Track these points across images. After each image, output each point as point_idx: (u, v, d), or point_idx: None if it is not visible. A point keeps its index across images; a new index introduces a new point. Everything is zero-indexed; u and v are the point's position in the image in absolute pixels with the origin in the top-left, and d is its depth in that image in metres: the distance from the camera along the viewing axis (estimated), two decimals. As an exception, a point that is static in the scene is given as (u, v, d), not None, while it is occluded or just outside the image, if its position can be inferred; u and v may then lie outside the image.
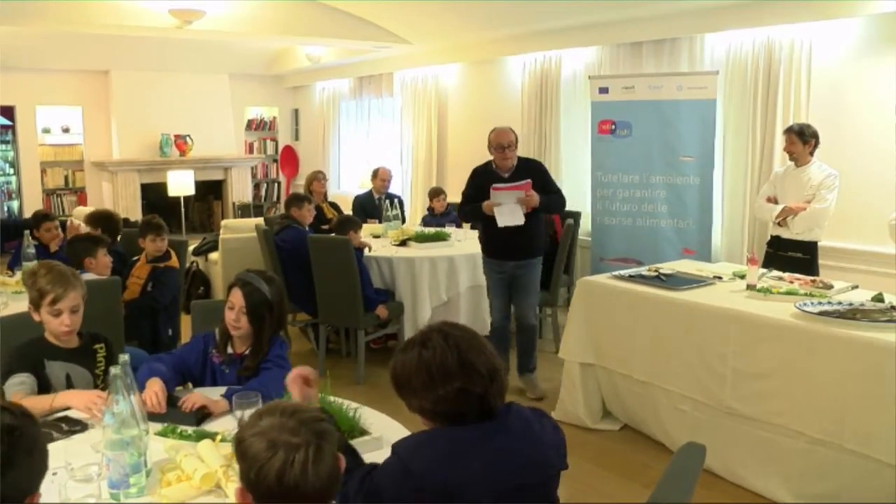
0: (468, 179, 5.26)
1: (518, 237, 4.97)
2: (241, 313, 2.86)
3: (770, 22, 5.84)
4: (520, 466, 1.84)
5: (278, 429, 1.49)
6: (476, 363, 1.86)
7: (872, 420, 3.27)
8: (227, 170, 12.04)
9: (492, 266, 5.19)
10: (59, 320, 2.79)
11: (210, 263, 7.64)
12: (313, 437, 1.48)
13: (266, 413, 1.55)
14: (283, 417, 1.51)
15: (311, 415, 1.55)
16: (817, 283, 4.26)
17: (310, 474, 1.45)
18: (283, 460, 1.45)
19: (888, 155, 5.31)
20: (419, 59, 9.46)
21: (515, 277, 5.11)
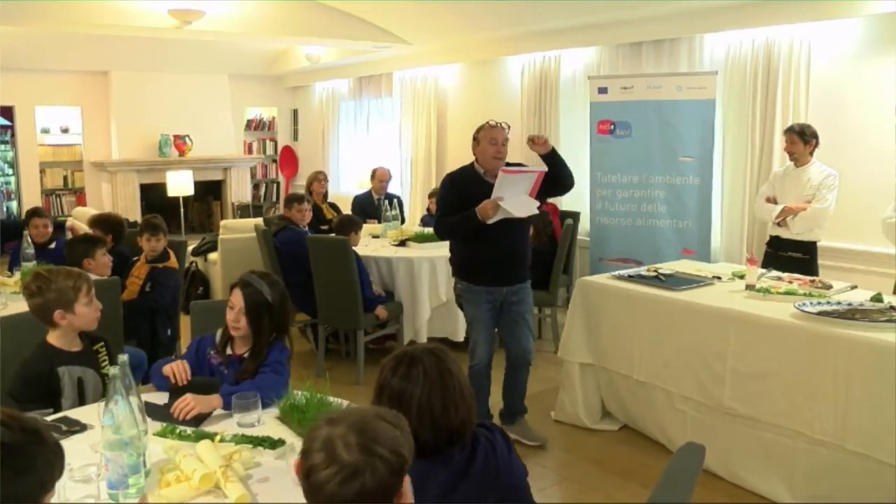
0: (444, 190, 4.36)
1: (514, 257, 4.27)
2: (241, 314, 2.87)
3: (769, 22, 5.84)
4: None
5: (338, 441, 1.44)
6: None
7: (873, 420, 3.26)
8: (227, 170, 12.04)
9: (479, 296, 4.26)
10: (94, 307, 2.91)
11: (209, 264, 7.64)
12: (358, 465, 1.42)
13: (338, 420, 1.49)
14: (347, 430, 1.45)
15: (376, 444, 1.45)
16: (816, 283, 4.27)
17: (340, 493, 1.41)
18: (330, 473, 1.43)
19: (887, 155, 5.31)
20: (418, 59, 9.46)
21: (509, 305, 4.30)
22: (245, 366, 2.89)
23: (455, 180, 4.30)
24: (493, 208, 3.98)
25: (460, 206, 4.11)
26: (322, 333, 5.76)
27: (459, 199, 4.15)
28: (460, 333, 5.89)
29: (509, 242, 4.18)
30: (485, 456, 1.92)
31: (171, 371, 2.72)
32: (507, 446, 2.00)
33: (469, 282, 4.29)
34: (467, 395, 1.94)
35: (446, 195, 4.31)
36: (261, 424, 2.54)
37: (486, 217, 4.00)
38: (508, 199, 4.00)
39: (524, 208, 4.06)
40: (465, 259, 4.31)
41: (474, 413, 1.95)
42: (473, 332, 4.34)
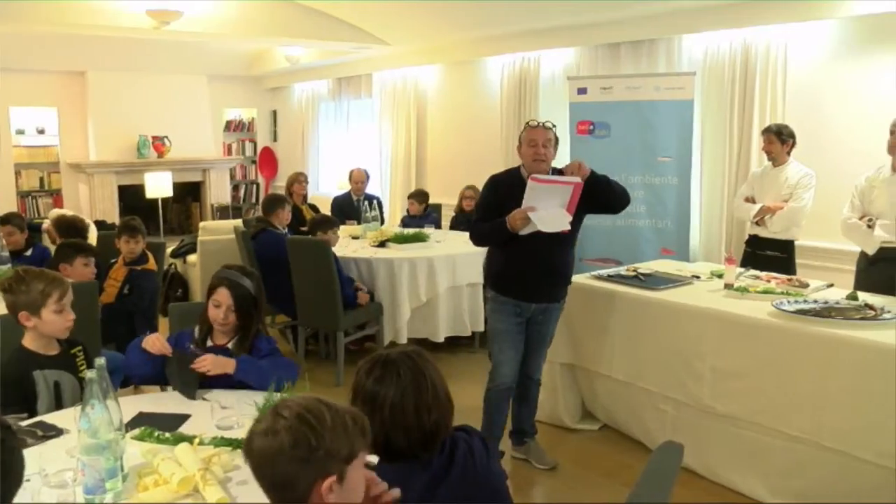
0: (485, 190, 4.00)
1: (551, 272, 3.90)
2: (230, 311, 2.96)
3: (746, 24, 5.89)
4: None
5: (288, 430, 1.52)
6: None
7: (849, 417, 3.30)
8: (206, 171, 11.97)
9: (507, 308, 3.90)
10: (65, 316, 2.83)
11: (188, 265, 7.59)
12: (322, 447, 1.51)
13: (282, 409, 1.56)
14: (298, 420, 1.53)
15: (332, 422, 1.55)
16: (794, 281, 4.30)
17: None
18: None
19: (863, 155, 5.35)
20: (398, 60, 9.45)
21: (535, 325, 3.97)
22: (234, 354, 2.95)
23: (497, 183, 3.95)
24: (523, 219, 3.63)
25: (499, 210, 3.76)
26: (302, 335, 5.75)
27: (499, 203, 3.80)
28: (441, 334, 5.90)
29: (547, 255, 3.81)
30: (464, 460, 1.92)
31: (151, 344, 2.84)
32: (486, 450, 2.00)
33: (497, 291, 3.94)
34: (442, 397, 1.94)
35: (484, 198, 3.98)
36: (240, 427, 2.52)
37: (514, 227, 3.67)
38: (540, 210, 3.64)
39: (554, 223, 3.66)
40: (497, 267, 3.98)
41: (450, 416, 1.95)
42: (497, 346, 3.94)
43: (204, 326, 3.04)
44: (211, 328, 3.03)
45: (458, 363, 5.89)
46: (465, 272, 5.89)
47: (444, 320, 5.90)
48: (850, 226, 4.48)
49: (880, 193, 4.34)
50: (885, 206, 4.31)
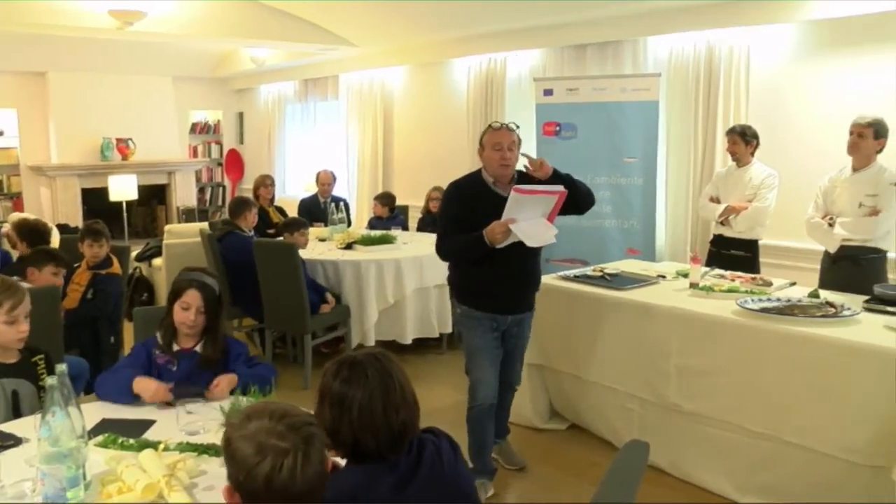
0: (449, 202, 3.74)
1: (525, 279, 3.77)
2: (199, 313, 2.95)
3: (709, 26, 5.96)
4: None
5: (266, 433, 1.50)
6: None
7: (810, 413, 3.36)
8: (171, 174, 11.85)
9: (483, 324, 3.71)
10: (16, 328, 2.74)
11: (154, 269, 7.52)
12: (301, 443, 1.50)
13: (254, 415, 1.55)
14: (271, 421, 1.52)
15: (300, 419, 1.55)
16: (757, 280, 4.36)
17: (298, 478, 1.48)
18: (272, 465, 1.47)
19: (824, 155, 5.43)
20: (364, 61, 9.43)
21: (511, 337, 3.84)
22: (206, 355, 2.97)
23: (460, 190, 3.69)
24: (504, 232, 3.43)
25: (466, 221, 3.55)
26: (269, 338, 5.71)
27: (465, 213, 3.59)
28: (408, 336, 5.90)
29: (521, 263, 3.66)
30: (431, 461, 1.92)
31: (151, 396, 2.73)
32: (454, 451, 2.00)
33: (470, 306, 3.73)
34: (410, 398, 1.94)
35: (449, 209, 3.71)
36: (206, 432, 2.50)
37: (494, 241, 3.45)
38: (522, 221, 3.45)
39: (540, 236, 3.51)
40: (467, 280, 3.75)
41: (417, 417, 1.95)
42: (475, 364, 3.74)
43: (168, 331, 3.01)
44: (175, 332, 3.00)
45: (426, 365, 5.89)
46: (433, 273, 5.89)
47: (411, 322, 5.90)
48: (812, 225, 4.58)
49: (841, 193, 4.45)
50: (846, 205, 4.41)
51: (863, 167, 4.37)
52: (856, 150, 4.36)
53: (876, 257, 4.35)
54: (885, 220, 4.25)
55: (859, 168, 4.39)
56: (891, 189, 4.23)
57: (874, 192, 4.30)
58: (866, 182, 4.34)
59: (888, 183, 4.25)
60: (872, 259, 4.34)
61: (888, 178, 4.27)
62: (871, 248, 4.34)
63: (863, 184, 4.35)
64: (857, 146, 4.35)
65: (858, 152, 4.36)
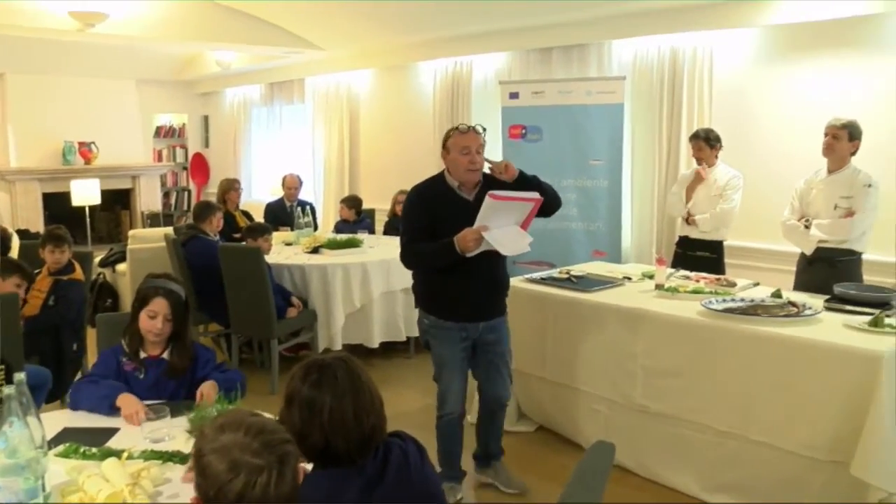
0: (412, 208, 3.59)
1: (494, 285, 3.65)
2: (166, 321, 2.92)
3: (673, 29, 6.02)
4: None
5: (241, 449, 1.46)
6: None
7: (774, 411, 3.40)
8: (135, 178, 11.71)
9: (451, 334, 3.59)
10: None
11: (118, 275, 7.42)
12: (276, 462, 1.46)
13: (228, 427, 1.50)
14: (247, 437, 1.47)
15: (276, 437, 1.51)
16: (722, 281, 4.41)
17: (271, 497, 1.44)
18: (245, 483, 1.43)
19: (787, 157, 5.53)
20: (330, 64, 9.40)
21: (486, 345, 3.68)
22: (173, 364, 2.95)
23: (423, 196, 3.55)
24: (476, 240, 3.30)
25: (430, 228, 3.45)
26: (235, 343, 5.66)
27: (429, 220, 3.47)
28: (375, 340, 5.88)
29: (488, 267, 3.52)
30: (398, 464, 1.91)
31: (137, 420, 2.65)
32: (420, 454, 2.00)
33: (438, 316, 3.60)
34: (377, 402, 1.94)
35: (412, 215, 3.56)
36: (171, 439, 2.47)
37: (466, 250, 3.32)
38: (495, 229, 3.32)
39: (514, 244, 3.43)
40: (433, 289, 3.62)
41: (384, 420, 1.94)
42: (444, 375, 3.65)
43: (134, 338, 2.97)
44: (141, 340, 2.96)
45: (394, 369, 5.88)
46: (400, 277, 5.86)
47: (378, 326, 5.88)
48: (788, 227, 4.62)
49: (817, 195, 4.48)
50: (821, 207, 4.45)
51: (837, 169, 4.40)
52: (831, 151, 4.39)
53: (851, 259, 4.38)
54: (860, 221, 4.29)
55: (834, 170, 4.42)
56: (865, 191, 4.27)
57: (849, 194, 4.33)
58: (841, 184, 4.37)
59: (862, 185, 4.29)
60: (847, 261, 4.37)
61: (862, 180, 4.30)
62: (846, 249, 4.38)
63: (838, 186, 4.38)
64: (832, 148, 4.38)
65: (833, 154, 4.39)
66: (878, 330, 3.35)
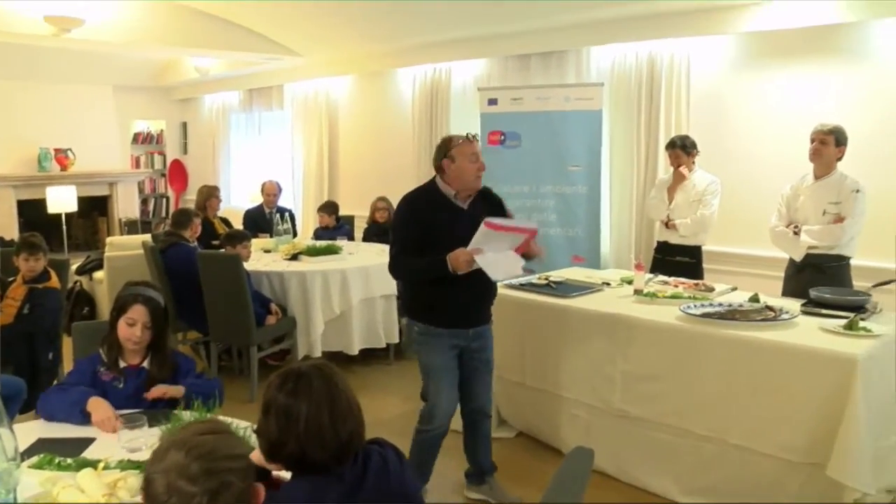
0: (404, 218, 3.56)
1: (483, 291, 3.62)
2: (145, 328, 2.90)
3: (651, 36, 6.06)
4: None
5: (178, 472, 1.45)
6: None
7: (751, 414, 3.43)
8: (113, 185, 11.62)
9: (442, 341, 3.56)
10: None
11: (95, 282, 7.35)
12: (207, 493, 1.45)
13: (175, 446, 1.50)
14: (188, 458, 1.46)
15: (220, 464, 1.49)
16: (700, 286, 4.44)
17: None
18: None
19: (764, 163, 5.58)
20: (309, 71, 9.38)
21: (471, 352, 3.65)
22: (152, 374, 2.92)
23: (415, 206, 3.52)
24: (469, 261, 3.32)
25: (424, 238, 3.44)
26: (214, 351, 5.63)
27: (421, 230, 3.45)
28: (355, 347, 5.87)
29: (477, 274, 3.41)
30: (377, 470, 1.91)
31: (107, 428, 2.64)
32: (400, 461, 2.00)
33: (430, 323, 3.57)
34: (355, 409, 1.93)
35: (404, 226, 3.53)
36: (148, 448, 2.44)
37: (458, 269, 3.33)
38: (489, 253, 3.35)
39: (506, 268, 3.46)
40: (425, 296, 3.57)
41: (363, 427, 1.93)
42: (434, 384, 3.59)
43: (113, 347, 2.94)
44: (121, 349, 2.93)
45: (374, 375, 5.87)
46: (379, 284, 5.88)
47: (358, 333, 5.87)
48: (777, 234, 4.61)
49: (805, 201, 4.48)
50: (810, 213, 4.45)
51: (825, 175, 4.39)
52: (818, 157, 4.38)
53: (840, 264, 4.39)
54: (850, 227, 4.28)
55: (821, 176, 4.40)
56: (854, 196, 4.27)
57: (837, 200, 4.33)
58: (829, 190, 4.37)
59: (850, 190, 4.28)
60: (836, 266, 4.37)
61: (850, 186, 4.30)
62: (835, 255, 4.37)
63: (826, 191, 4.38)
64: (819, 153, 4.36)
65: (820, 159, 4.37)
66: (852, 333, 3.39)
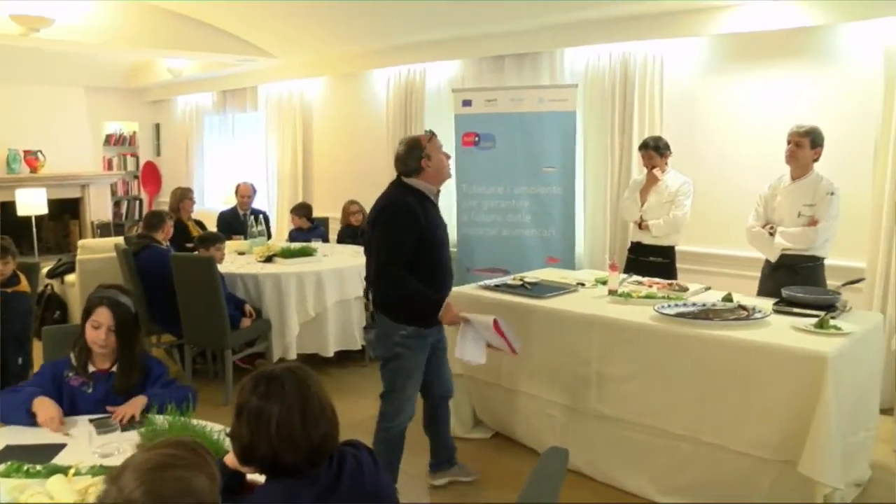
0: (405, 224, 3.52)
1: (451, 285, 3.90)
2: (110, 332, 2.86)
3: (624, 38, 6.10)
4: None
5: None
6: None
7: (725, 412, 3.46)
8: (84, 187, 11.49)
9: (426, 341, 3.71)
10: None
11: (67, 286, 7.26)
12: None
13: (127, 470, 1.52)
14: (135, 481, 1.49)
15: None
16: (674, 286, 4.47)
17: None
18: None
19: (736, 163, 5.64)
20: (283, 72, 9.34)
21: (437, 342, 3.84)
22: (120, 381, 2.87)
23: (414, 211, 3.53)
24: (455, 323, 3.64)
25: (419, 242, 3.51)
26: (189, 354, 5.58)
27: (420, 234, 3.51)
28: (330, 349, 5.85)
29: (450, 276, 3.80)
30: (352, 473, 1.90)
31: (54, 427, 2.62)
32: (375, 463, 1.99)
33: (419, 325, 3.63)
34: (328, 411, 1.92)
35: (404, 233, 3.51)
36: (121, 454, 2.42)
37: (444, 319, 3.61)
38: (472, 331, 3.65)
39: (472, 352, 3.69)
40: (420, 305, 3.63)
41: (337, 430, 1.93)
42: (412, 383, 3.71)
43: (82, 352, 2.90)
44: (90, 353, 2.90)
45: (349, 377, 5.85)
46: (354, 286, 5.86)
47: (333, 334, 5.85)
48: (753, 234, 4.63)
49: (782, 201, 4.50)
50: (785, 214, 4.47)
51: (801, 176, 4.41)
52: (793, 159, 4.39)
53: (813, 265, 4.41)
54: (824, 230, 4.31)
55: (798, 177, 4.42)
56: (828, 199, 4.29)
57: (812, 202, 4.34)
58: (804, 191, 4.38)
59: (825, 193, 4.30)
60: (810, 267, 4.39)
61: (825, 188, 4.32)
62: (809, 256, 4.39)
63: (801, 193, 4.39)
64: (794, 155, 4.38)
65: (796, 161, 4.39)
66: (823, 332, 3.43)
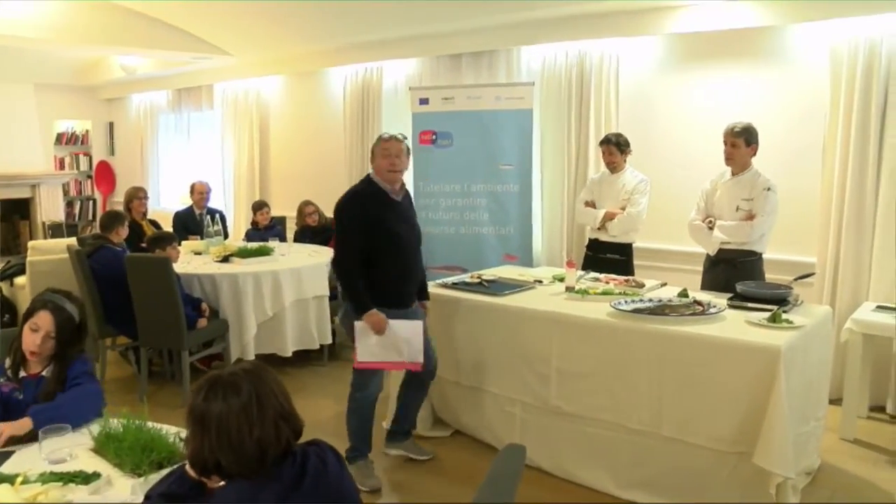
0: (352, 214, 3.82)
1: (418, 274, 4.13)
2: (48, 337, 2.76)
3: (580, 36, 6.14)
4: None
5: None
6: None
7: (685, 407, 3.50)
8: (35, 187, 11.25)
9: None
10: None
11: (16, 288, 7.11)
12: None
13: None
14: None
15: None
16: (630, 282, 4.51)
17: None
18: None
19: (691, 161, 5.71)
20: (239, 71, 9.25)
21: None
22: (47, 387, 2.75)
23: (364, 203, 3.83)
24: (379, 330, 3.82)
25: (369, 231, 3.76)
26: (144, 356, 5.49)
27: (370, 226, 3.77)
28: (288, 349, 5.81)
29: (414, 261, 4.03)
30: (315, 472, 1.88)
31: None
32: (339, 463, 1.97)
33: (381, 306, 3.87)
34: (282, 411, 1.88)
35: (355, 222, 3.80)
36: (73, 458, 2.37)
37: (368, 322, 3.80)
38: (376, 339, 3.85)
39: (372, 354, 3.88)
40: (384, 285, 3.88)
41: (284, 430, 1.87)
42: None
43: (17, 355, 2.80)
44: (24, 358, 2.80)
45: (308, 377, 5.81)
46: (311, 285, 5.83)
47: (291, 334, 5.80)
48: (693, 227, 4.73)
49: (721, 196, 4.60)
50: (724, 208, 4.58)
51: (740, 172, 4.52)
52: (731, 159, 4.51)
53: (751, 259, 4.51)
54: (759, 225, 4.41)
55: (737, 173, 4.53)
56: (764, 194, 4.40)
57: (749, 197, 4.45)
58: (742, 187, 4.50)
59: (762, 188, 4.42)
60: (749, 261, 4.49)
61: (762, 184, 4.43)
62: (748, 251, 4.50)
63: (739, 188, 4.51)
64: (731, 156, 4.50)
65: (734, 161, 4.51)
66: (775, 325, 3.50)
